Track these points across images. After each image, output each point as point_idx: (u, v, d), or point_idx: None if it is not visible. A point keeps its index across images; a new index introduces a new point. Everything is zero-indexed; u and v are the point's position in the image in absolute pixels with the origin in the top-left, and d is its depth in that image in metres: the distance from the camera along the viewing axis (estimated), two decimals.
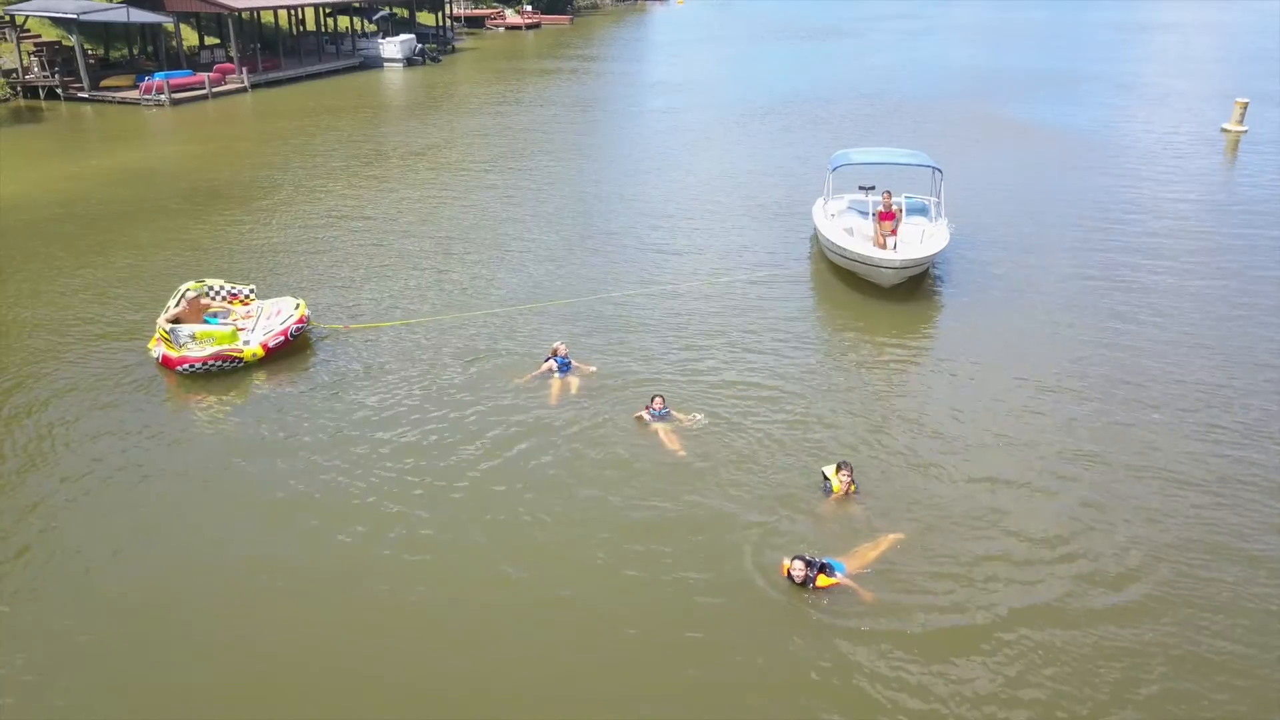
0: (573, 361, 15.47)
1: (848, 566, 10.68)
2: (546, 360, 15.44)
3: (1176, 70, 51.84)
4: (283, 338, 15.91)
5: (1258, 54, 57.90)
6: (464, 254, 21.77)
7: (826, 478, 12.21)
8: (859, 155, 21.73)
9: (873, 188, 20.64)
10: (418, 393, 15.00)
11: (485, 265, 21.03)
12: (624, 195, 26.91)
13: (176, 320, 15.78)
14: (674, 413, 14.01)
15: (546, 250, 22.03)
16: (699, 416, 14.03)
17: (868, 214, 19.99)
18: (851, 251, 18.60)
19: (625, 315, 18.11)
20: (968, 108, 40.17)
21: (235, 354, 15.41)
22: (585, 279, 20.13)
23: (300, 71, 50.27)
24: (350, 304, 18.79)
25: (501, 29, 79.72)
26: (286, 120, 38.87)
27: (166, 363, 15.35)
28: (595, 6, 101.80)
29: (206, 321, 16.08)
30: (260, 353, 15.58)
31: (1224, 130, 34.71)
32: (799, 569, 10.32)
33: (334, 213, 25.25)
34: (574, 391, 14.95)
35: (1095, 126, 36.27)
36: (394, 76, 53.01)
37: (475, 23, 79.50)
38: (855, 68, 53.89)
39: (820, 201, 22.02)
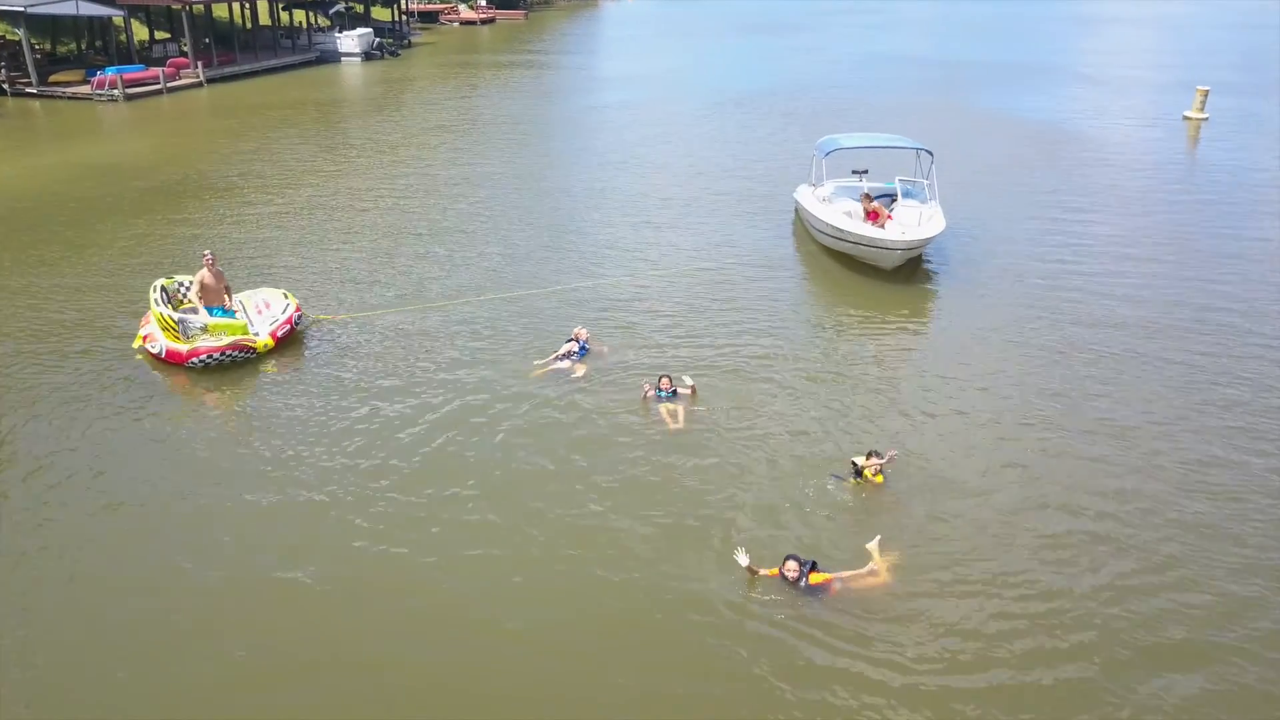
0: (590, 346, 15.28)
1: (849, 568, 10.32)
2: (567, 343, 15.21)
3: (1132, 61, 52.78)
4: (288, 326, 15.50)
5: (1209, 46, 59.25)
6: (439, 246, 21.30)
7: (856, 465, 11.91)
8: (848, 140, 21.67)
9: (866, 171, 20.61)
10: (409, 379, 14.66)
11: (461, 256, 20.57)
12: (597, 188, 26.46)
13: (203, 288, 15.24)
14: (681, 391, 13.83)
15: (525, 242, 21.58)
16: (687, 379, 13.92)
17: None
18: (855, 234, 18.50)
19: (619, 303, 17.81)
20: (934, 99, 40.45)
21: (250, 344, 14.92)
22: (569, 268, 19.78)
23: (256, 66, 49.08)
24: (330, 295, 18.24)
25: (456, 24, 78.78)
26: (247, 115, 37.91)
27: (173, 358, 14.63)
28: (548, 2, 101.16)
29: (212, 312, 15.46)
30: (270, 343, 15.12)
31: (1186, 117, 35.32)
32: (792, 568, 10.02)
33: (305, 206, 24.59)
34: (583, 376, 14.67)
35: (1062, 115, 36.74)
36: (353, 71, 52.03)
37: (429, 18, 78.55)
38: (818, 61, 54.09)
39: (805, 187, 21.98)
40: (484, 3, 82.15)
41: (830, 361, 15.48)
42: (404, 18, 68.06)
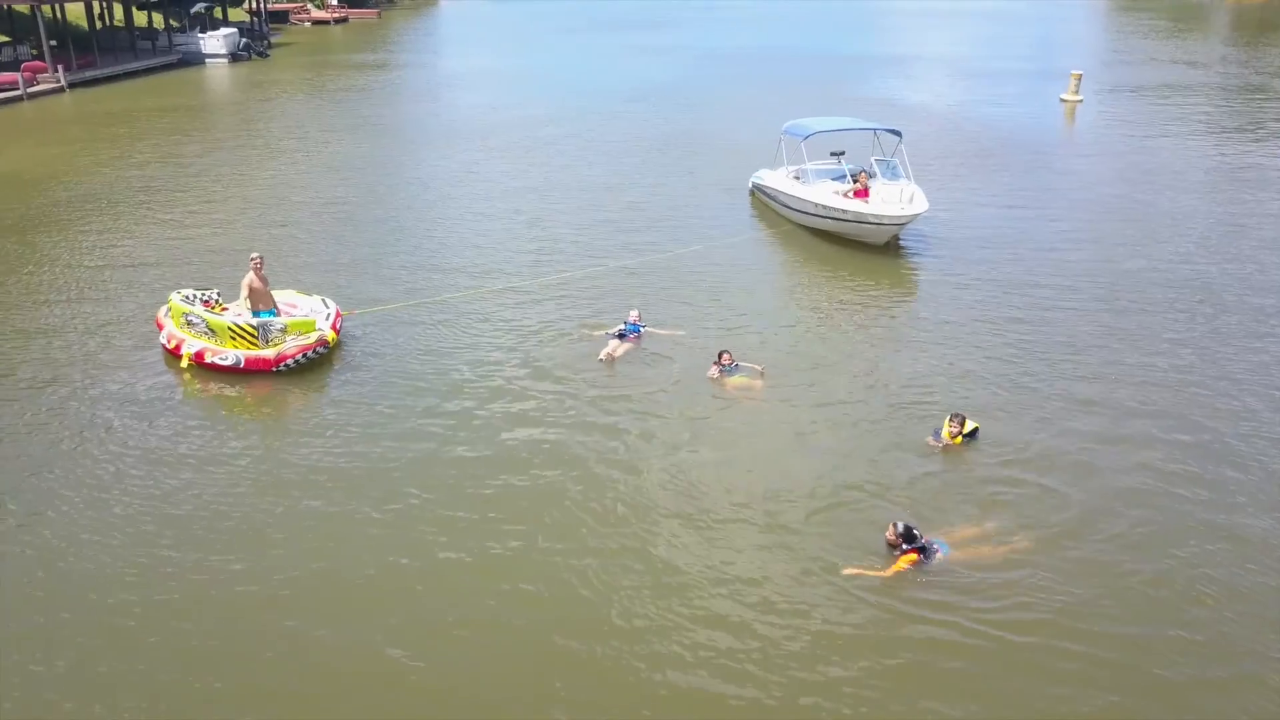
0: (644, 327, 15.46)
1: (950, 541, 10.24)
2: (620, 324, 15.41)
3: (986, 52, 55.69)
4: (340, 319, 15.29)
5: (1048, 37, 63.61)
6: (413, 241, 21.07)
7: (937, 429, 12.37)
8: (818, 124, 22.44)
9: (843, 153, 21.35)
10: (439, 372, 14.55)
11: (427, 252, 20.42)
12: (539, 185, 26.12)
13: (251, 291, 14.53)
14: (743, 364, 14.16)
15: (497, 237, 21.49)
16: (758, 369, 14.15)
17: (844, 177, 20.60)
18: (852, 211, 19.20)
19: (612, 292, 17.78)
20: (825, 90, 41.20)
21: (326, 340, 14.48)
22: (555, 261, 19.73)
23: (118, 69, 46.04)
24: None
25: (307, 23, 76.00)
26: (125, 122, 35.60)
27: (257, 365, 14.01)
28: (392, 2, 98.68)
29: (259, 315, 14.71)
30: (334, 337, 14.79)
31: (1063, 100, 37.98)
32: (899, 531, 9.95)
33: (240, 208, 23.75)
34: (631, 356, 14.88)
35: (948, 103, 38.78)
36: (221, 73, 49.48)
37: (278, 18, 75.25)
38: (689, 57, 54.42)
39: (767, 171, 22.77)
40: (335, 1, 79.50)
41: (869, 331, 16.13)
42: (257, 19, 65.01)
